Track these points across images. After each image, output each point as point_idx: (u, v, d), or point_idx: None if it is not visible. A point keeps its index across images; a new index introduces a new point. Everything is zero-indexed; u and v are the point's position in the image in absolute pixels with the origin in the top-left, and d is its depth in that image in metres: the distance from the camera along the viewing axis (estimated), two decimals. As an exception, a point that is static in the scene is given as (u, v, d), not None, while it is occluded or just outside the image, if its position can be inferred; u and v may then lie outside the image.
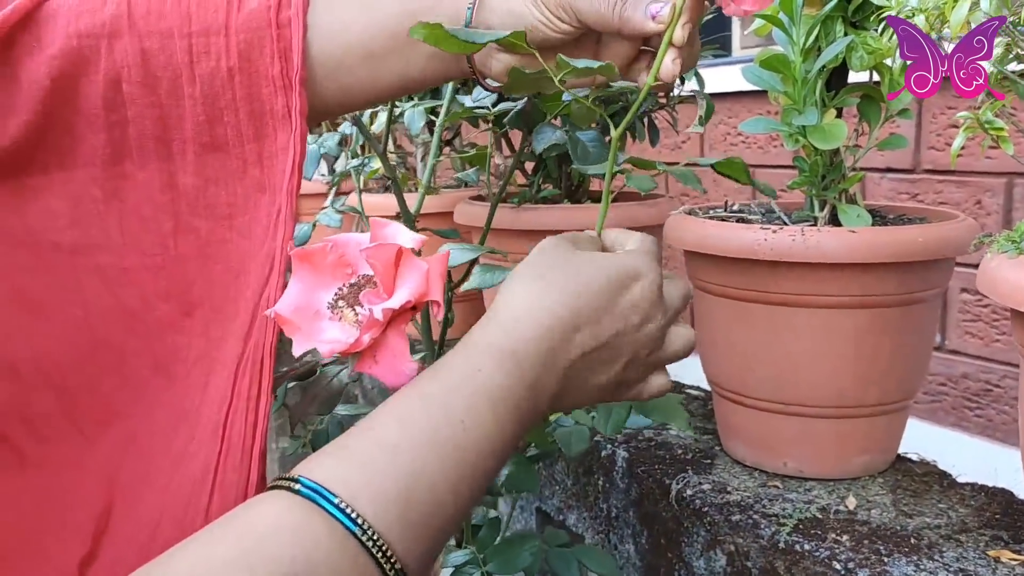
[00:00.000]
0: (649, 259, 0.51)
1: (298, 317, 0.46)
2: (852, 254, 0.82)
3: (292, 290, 0.47)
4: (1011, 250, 0.63)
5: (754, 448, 0.95)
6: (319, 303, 0.47)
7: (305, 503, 0.37)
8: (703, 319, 0.97)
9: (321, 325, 0.46)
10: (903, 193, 2.29)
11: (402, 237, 0.47)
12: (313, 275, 0.47)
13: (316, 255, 0.48)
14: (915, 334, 0.89)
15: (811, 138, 0.87)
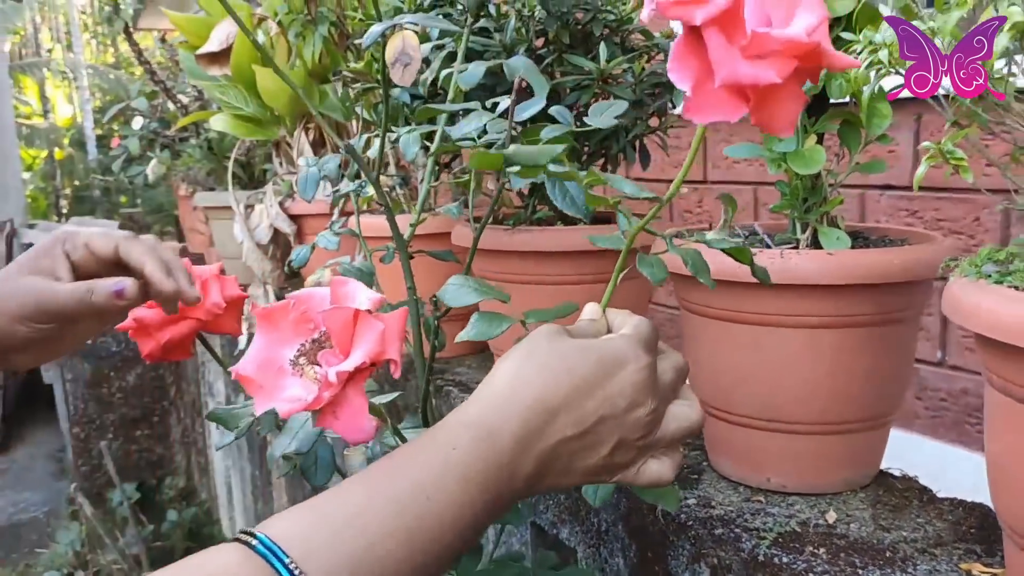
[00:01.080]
0: (639, 345, 0.51)
1: (261, 374, 0.49)
2: (829, 276, 0.85)
3: (255, 347, 0.50)
4: (972, 274, 0.65)
5: (739, 464, 0.98)
6: (283, 359, 0.50)
7: (258, 560, 0.39)
8: (690, 339, 1.00)
9: (284, 382, 0.49)
10: (902, 210, 2.32)
11: (360, 297, 0.50)
12: (276, 332, 0.50)
13: (278, 313, 0.51)
14: (893, 353, 0.92)
15: (791, 163, 0.90)
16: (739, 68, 0.39)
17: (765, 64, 0.39)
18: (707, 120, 0.41)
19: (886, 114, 0.91)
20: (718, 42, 0.39)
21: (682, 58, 0.41)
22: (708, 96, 0.40)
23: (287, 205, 1.95)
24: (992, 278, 0.63)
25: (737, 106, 0.41)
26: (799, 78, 0.41)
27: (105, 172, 9.03)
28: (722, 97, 0.40)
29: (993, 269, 0.64)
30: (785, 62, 0.39)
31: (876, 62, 0.67)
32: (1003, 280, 0.62)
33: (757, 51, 0.39)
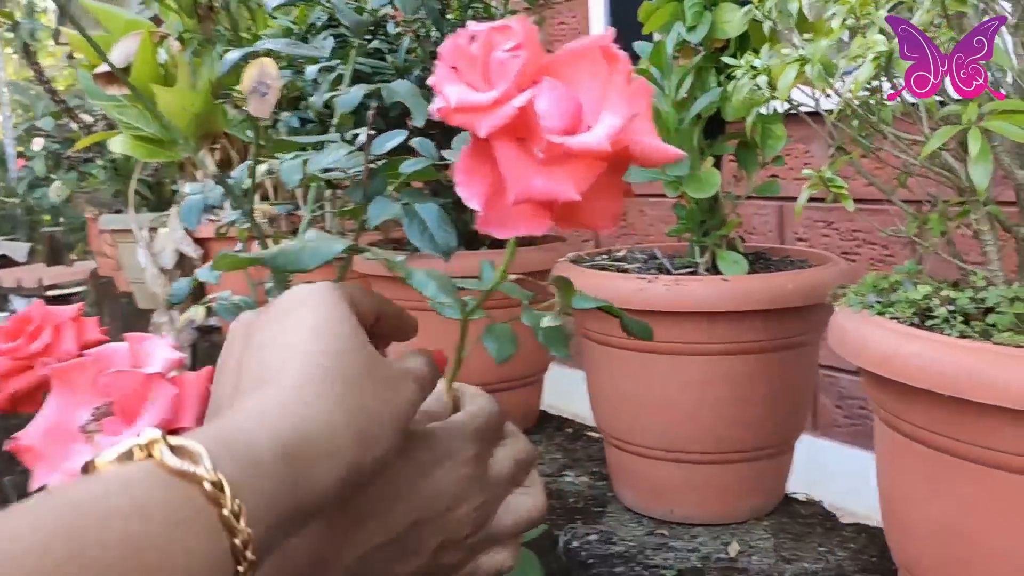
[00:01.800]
0: (467, 436, 0.45)
1: (48, 442, 0.44)
2: (724, 302, 0.83)
3: (46, 411, 0.45)
4: (856, 304, 0.63)
5: (643, 495, 0.95)
6: (75, 424, 0.45)
7: None
8: (591, 368, 0.97)
9: (74, 448, 0.44)
10: (819, 222, 2.34)
11: (155, 357, 0.46)
12: (72, 394, 0.45)
13: (73, 372, 0.46)
14: (792, 378, 0.90)
15: (686, 187, 0.88)
16: (533, 183, 0.34)
17: (565, 173, 0.35)
18: (508, 235, 0.37)
19: (780, 135, 0.90)
20: (508, 154, 0.35)
21: (469, 171, 0.36)
22: (505, 211, 0.36)
23: (192, 228, 1.88)
24: (875, 309, 0.61)
25: (540, 219, 0.36)
26: (612, 174, 0.37)
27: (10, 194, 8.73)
28: (522, 210, 0.36)
29: (875, 299, 0.62)
30: (588, 169, 0.35)
31: (753, 90, 0.65)
32: (885, 312, 0.60)
33: (554, 161, 0.35)
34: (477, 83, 0.35)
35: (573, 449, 1.17)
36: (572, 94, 0.35)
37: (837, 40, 0.54)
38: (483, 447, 0.46)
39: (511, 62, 0.34)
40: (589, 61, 0.36)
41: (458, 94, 0.35)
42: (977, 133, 0.48)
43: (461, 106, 0.34)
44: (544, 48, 0.38)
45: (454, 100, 0.34)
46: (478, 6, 1.08)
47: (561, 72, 0.36)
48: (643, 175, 0.94)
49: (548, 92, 0.34)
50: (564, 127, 0.34)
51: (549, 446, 1.18)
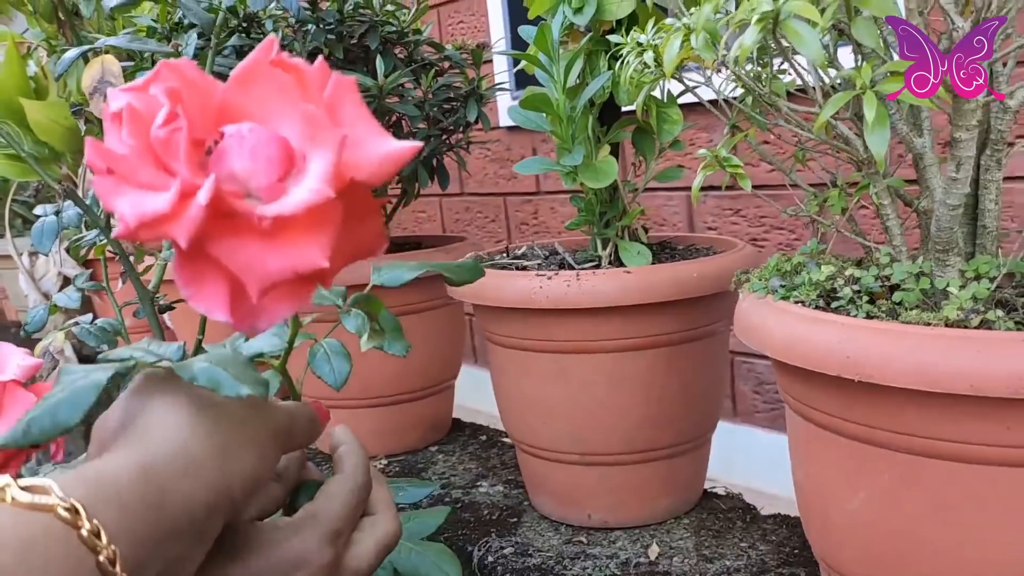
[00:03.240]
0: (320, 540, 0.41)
1: None
2: (628, 296, 0.79)
3: None
4: (760, 289, 0.60)
5: (559, 502, 0.90)
6: None
7: None
8: (495, 371, 0.92)
9: None
10: (727, 210, 2.34)
11: (9, 365, 0.40)
12: None
13: None
14: (704, 370, 0.87)
15: (582, 177, 0.84)
16: (269, 268, 0.29)
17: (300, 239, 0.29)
18: (273, 324, 0.32)
19: (676, 119, 0.86)
20: (226, 248, 0.29)
21: (193, 282, 0.30)
22: (263, 302, 0.30)
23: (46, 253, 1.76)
24: (778, 294, 0.58)
25: (301, 292, 0.31)
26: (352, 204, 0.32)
27: None
28: (275, 296, 0.30)
29: (779, 284, 0.59)
30: (323, 223, 0.29)
31: (642, 66, 0.61)
32: (789, 295, 0.57)
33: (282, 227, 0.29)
34: (152, 178, 0.29)
35: (487, 458, 1.12)
36: (269, 131, 0.30)
37: (724, 10, 0.50)
38: (341, 544, 0.42)
39: (174, 138, 0.28)
40: (270, 81, 0.31)
41: (132, 207, 0.28)
42: (872, 98, 0.45)
43: (144, 221, 0.28)
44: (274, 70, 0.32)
45: (132, 217, 0.28)
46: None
47: (247, 107, 0.31)
48: (537, 166, 0.90)
49: (236, 146, 0.29)
50: (277, 175, 0.29)
51: (462, 456, 1.13)
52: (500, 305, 0.84)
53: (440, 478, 1.06)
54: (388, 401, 1.13)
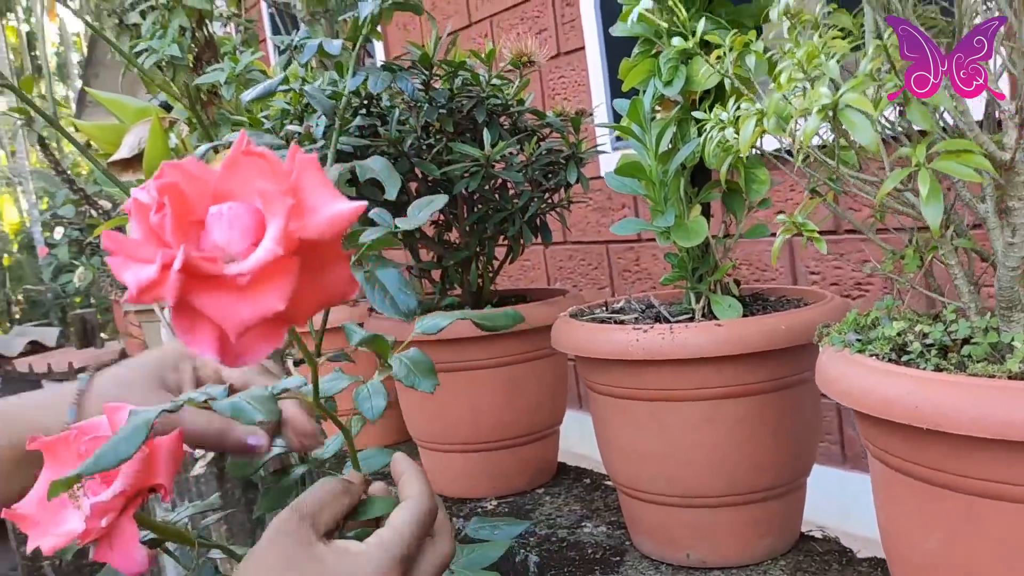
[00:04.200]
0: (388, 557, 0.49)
1: (41, 510, 0.47)
2: (719, 348, 0.84)
3: (40, 482, 0.49)
4: (838, 343, 0.65)
5: (658, 542, 0.96)
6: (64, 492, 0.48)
7: None
8: (596, 417, 0.98)
9: (63, 515, 0.47)
10: (830, 254, 2.35)
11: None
12: (59, 465, 0.49)
13: (59, 445, 0.49)
14: (796, 417, 0.91)
15: (674, 237, 0.91)
16: (241, 315, 0.37)
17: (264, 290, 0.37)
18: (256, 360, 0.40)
19: (763, 180, 0.92)
20: (205, 302, 0.37)
21: (187, 329, 0.39)
22: (239, 345, 0.39)
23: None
24: (854, 347, 0.63)
25: (274, 334, 0.39)
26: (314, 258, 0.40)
27: (40, 280, 8.92)
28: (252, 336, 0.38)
29: (855, 338, 0.63)
30: (282, 276, 0.37)
31: (723, 140, 0.67)
32: (864, 349, 0.62)
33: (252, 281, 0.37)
34: (150, 254, 0.37)
35: (591, 500, 1.18)
36: (245, 207, 0.38)
37: (795, 88, 0.56)
38: (410, 565, 0.49)
39: (163, 222, 0.37)
40: (247, 167, 0.39)
41: (133, 277, 0.37)
42: (926, 174, 0.50)
43: (141, 288, 0.37)
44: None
45: (132, 285, 0.37)
46: (465, 74, 1.11)
47: (233, 189, 0.39)
48: (632, 227, 0.97)
49: (219, 222, 0.37)
50: (251, 241, 0.37)
51: (567, 498, 1.19)
52: (599, 356, 0.90)
53: (546, 519, 1.12)
54: (497, 445, 1.20)
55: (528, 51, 1.13)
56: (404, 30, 3.61)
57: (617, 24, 0.94)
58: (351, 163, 0.94)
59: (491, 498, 1.22)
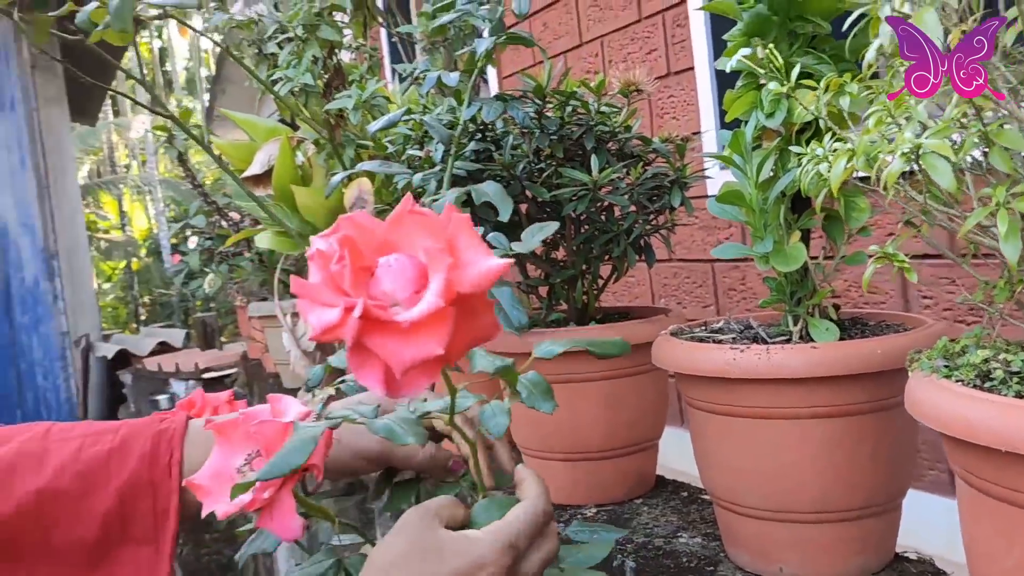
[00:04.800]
0: (503, 546, 0.56)
1: (214, 482, 0.56)
2: (814, 369, 0.88)
3: (212, 458, 0.57)
4: (926, 368, 0.68)
5: (752, 554, 0.99)
6: (232, 468, 0.56)
7: None
8: (695, 433, 1.03)
9: (232, 487, 0.56)
10: (943, 278, 2.31)
11: (290, 412, 0.57)
12: (228, 444, 0.57)
13: (228, 427, 0.57)
14: (892, 438, 0.93)
15: (773, 262, 0.95)
16: (405, 356, 0.44)
17: (426, 335, 0.44)
18: (415, 393, 0.47)
19: (863, 208, 0.95)
20: (376, 343, 0.44)
21: (359, 366, 0.46)
22: (401, 381, 0.45)
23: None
24: (941, 373, 0.66)
25: (431, 371, 0.46)
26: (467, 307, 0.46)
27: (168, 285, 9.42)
28: (413, 374, 0.45)
29: (943, 364, 0.67)
30: (441, 323, 0.44)
31: (818, 174, 0.71)
32: (951, 375, 0.65)
33: (414, 327, 0.43)
34: (330, 299, 0.45)
35: (687, 512, 1.22)
36: (410, 259, 0.44)
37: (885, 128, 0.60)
38: (519, 554, 0.57)
39: (343, 272, 0.44)
40: (410, 223, 0.46)
41: (317, 319, 0.45)
42: (1004, 214, 0.54)
43: (324, 329, 0.44)
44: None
45: (316, 326, 0.45)
46: (576, 103, 1.18)
47: (398, 241, 0.46)
48: (732, 251, 1.01)
49: (387, 273, 0.44)
50: (414, 290, 0.44)
51: (664, 509, 1.24)
52: (698, 374, 0.95)
53: (643, 527, 1.17)
54: (598, 456, 1.26)
55: (636, 81, 1.19)
56: (515, 51, 3.70)
57: (722, 59, 0.99)
58: (467, 187, 1.02)
59: (590, 506, 1.27)
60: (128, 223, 16.32)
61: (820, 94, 0.73)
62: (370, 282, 0.45)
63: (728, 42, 0.95)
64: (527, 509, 0.59)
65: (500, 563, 0.55)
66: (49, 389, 4.91)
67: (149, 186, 14.87)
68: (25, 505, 0.68)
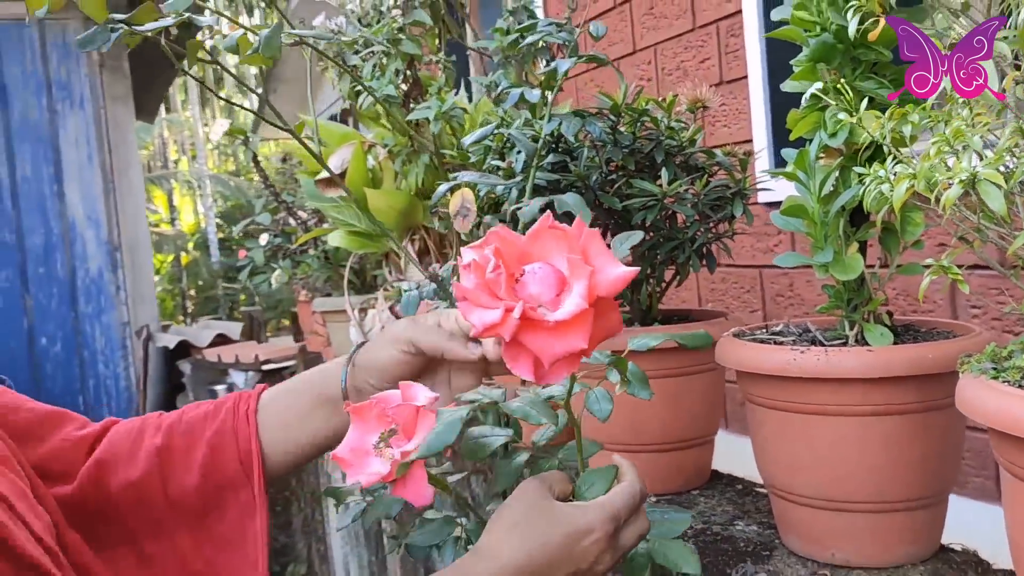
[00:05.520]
0: (606, 517, 0.67)
1: (352, 456, 0.66)
2: (869, 370, 0.96)
3: (349, 436, 0.67)
4: (976, 371, 0.76)
5: (806, 541, 1.07)
6: (368, 444, 0.66)
7: None
8: (754, 427, 1.11)
9: (368, 460, 0.65)
10: (993, 289, 2.35)
11: (420, 398, 0.66)
12: (363, 424, 0.67)
13: (364, 410, 0.67)
14: (941, 436, 1.01)
15: (832, 271, 1.03)
16: (554, 349, 0.54)
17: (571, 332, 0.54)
18: (558, 381, 0.58)
19: (918, 223, 1.02)
20: (529, 339, 0.55)
21: (513, 357, 0.56)
22: (549, 371, 0.55)
23: (396, 309, 2.14)
24: (989, 374, 0.74)
25: (573, 363, 0.56)
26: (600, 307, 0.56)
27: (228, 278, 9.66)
28: (559, 365, 0.55)
29: (991, 366, 0.74)
30: (583, 322, 0.53)
31: (880, 193, 0.79)
32: (998, 376, 0.73)
33: (560, 326, 0.53)
34: (487, 300, 0.55)
35: (743, 503, 1.30)
36: (550, 267, 0.54)
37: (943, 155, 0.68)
38: (619, 526, 0.68)
39: (498, 279, 0.53)
40: (549, 237, 0.55)
41: (478, 318, 0.55)
42: (1049, 235, 0.61)
43: (485, 327, 0.54)
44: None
45: (478, 324, 0.55)
46: (645, 119, 1.27)
47: (537, 252, 0.55)
48: (793, 260, 1.09)
49: (533, 278, 0.54)
50: (554, 293, 0.53)
51: (720, 500, 1.32)
52: (760, 372, 1.03)
53: (701, 515, 1.25)
54: (657, 448, 1.34)
55: (703, 98, 1.27)
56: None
57: (787, 82, 1.07)
58: (548, 197, 1.11)
59: (650, 496, 1.35)
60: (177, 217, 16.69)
61: (885, 121, 0.81)
62: (516, 287, 0.55)
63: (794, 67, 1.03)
64: (626, 488, 0.69)
65: (604, 530, 0.66)
66: (109, 377, 5.10)
67: (199, 181, 15.20)
68: (148, 465, 0.81)
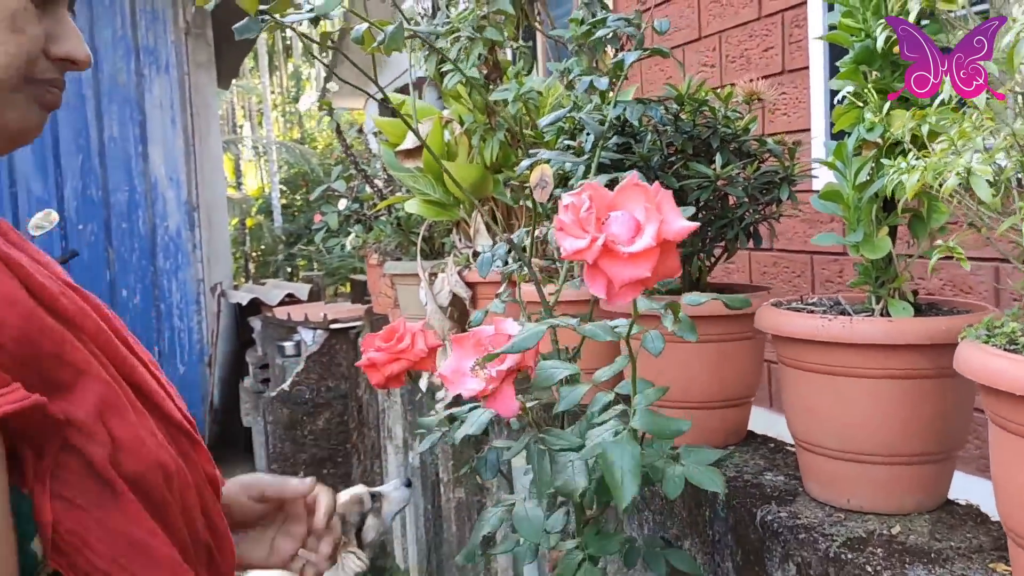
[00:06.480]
0: None
1: (453, 375, 0.82)
2: (887, 337, 1.10)
3: (450, 360, 0.84)
4: (972, 337, 0.90)
5: (824, 487, 1.22)
6: (465, 367, 0.83)
7: None
8: (785, 386, 1.25)
9: (466, 379, 0.82)
10: None
11: (511, 328, 0.82)
12: (461, 350, 0.83)
13: (462, 339, 0.84)
14: (951, 400, 1.14)
15: (862, 250, 1.16)
16: (624, 274, 0.69)
17: (640, 263, 0.69)
18: (626, 301, 0.72)
19: (943, 211, 1.15)
20: (606, 264, 0.70)
21: (592, 278, 0.70)
22: (618, 292, 0.71)
23: (464, 274, 2.31)
24: (980, 339, 0.88)
25: (638, 288, 0.71)
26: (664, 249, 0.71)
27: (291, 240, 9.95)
28: (626, 288, 0.70)
29: (984, 333, 0.88)
30: (650, 256, 0.69)
31: (900, 184, 0.93)
32: (988, 341, 0.87)
33: (631, 258, 0.68)
34: (578, 232, 0.70)
35: (773, 458, 1.44)
36: (630, 215, 0.69)
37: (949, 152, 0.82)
38: None
39: (589, 216, 0.68)
40: (632, 192, 0.70)
41: (568, 244, 0.70)
42: (1028, 221, 0.75)
43: (573, 251, 0.69)
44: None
45: (568, 249, 0.69)
46: (705, 108, 1.40)
47: (622, 202, 0.70)
48: (829, 240, 1.23)
49: (615, 221, 0.68)
50: (631, 235, 0.68)
51: (753, 455, 1.46)
52: (792, 336, 1.17)
53: (734, 466, 1.40)
54: (699, 406, 1.49)
55: (759, 91, 1.40)
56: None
57: (835, 80, 1.20)
58: (612, 175, 1.26)
59: (691, 448, 1.50)
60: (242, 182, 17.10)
61: (906, 121, 0.94)
62: (602, 227, 0.70)
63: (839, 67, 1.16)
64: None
65: None
66: (183, 330, 5.40)
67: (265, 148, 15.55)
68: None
